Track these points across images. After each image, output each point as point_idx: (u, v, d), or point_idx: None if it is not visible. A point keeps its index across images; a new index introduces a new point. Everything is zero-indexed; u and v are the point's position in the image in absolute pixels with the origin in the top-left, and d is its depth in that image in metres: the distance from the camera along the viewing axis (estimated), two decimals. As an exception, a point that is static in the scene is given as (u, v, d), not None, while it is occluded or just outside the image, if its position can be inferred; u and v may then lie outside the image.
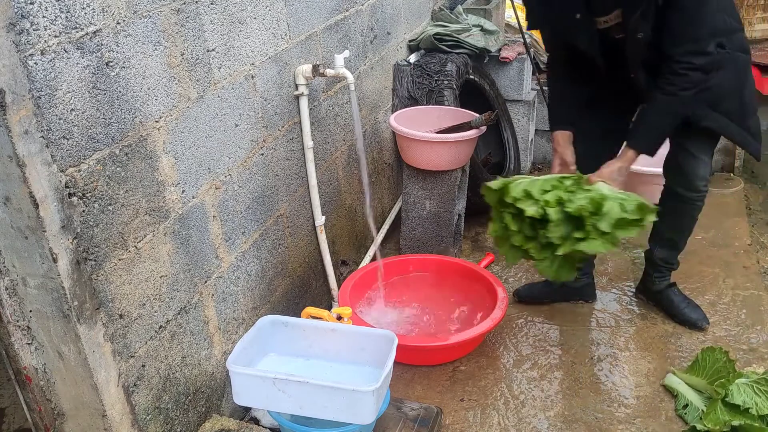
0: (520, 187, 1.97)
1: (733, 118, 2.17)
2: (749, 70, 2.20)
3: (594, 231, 1.90)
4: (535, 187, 1.96)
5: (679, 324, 2.48)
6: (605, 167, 2.07)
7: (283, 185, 2.20)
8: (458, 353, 2.36)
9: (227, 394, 1.95)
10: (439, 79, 2.98)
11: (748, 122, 2.20)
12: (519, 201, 1.96)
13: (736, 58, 2.11)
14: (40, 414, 1.49)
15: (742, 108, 2.18)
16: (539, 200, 1.94)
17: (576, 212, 1.90)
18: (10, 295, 1.37)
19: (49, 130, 1.27)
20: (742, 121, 2.19)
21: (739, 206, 3.31)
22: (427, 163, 2.73)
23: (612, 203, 1.91)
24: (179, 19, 1.61)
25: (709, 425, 1.95)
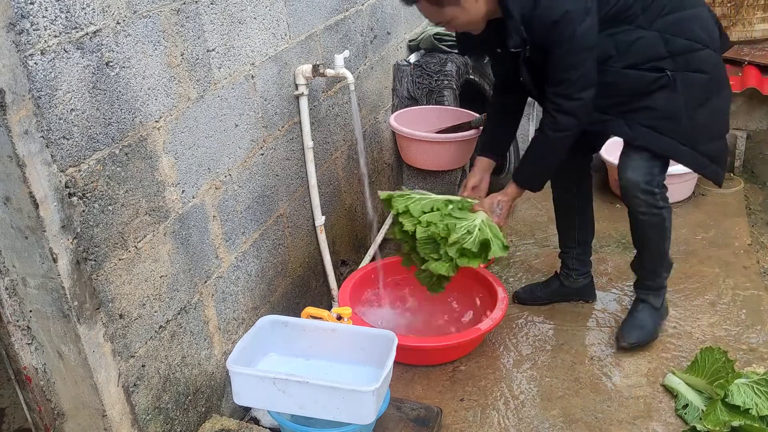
0: (403, 203, 2.20)
1: (683, 140, 2.09)
2: (714, 89, 2.09)
3: (445, 255, 2.13)
4: (417, 205, 2.18)
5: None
6: (488, 198, 2.22)
7: (283, 185, 2.20)
8: (458, 353, 2.36)
9: (227, 394, 1.95)
10: (439, 79, 2.98)
11: (705, 147, 2.12)
12: (401, 215, 2.19)
13: (690, 80, 2.03)
14: (40, 414, 1.49)
15: (695, 130, 2.09)
16: (416, 218, 2.16)
17: (432, 235, 2.12)
18: (10, 295, 1.37)
19: (49, 130, 1.27)
20: (694, 144, 2.10)
21: (739, 206, 3.31)
22: (427, 163, 2.73)
23: (460, 235, 2.11)
24: (179, 19, 1.61)
25: (709, 426, 1.95)
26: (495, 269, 2.91)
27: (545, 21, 1.93)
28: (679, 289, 2.67)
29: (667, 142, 2.09)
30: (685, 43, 2.03)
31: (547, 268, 2.88)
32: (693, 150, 2.11)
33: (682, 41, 2.02)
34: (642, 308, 2.39)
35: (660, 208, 2.21)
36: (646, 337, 2.36)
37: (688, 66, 2.04)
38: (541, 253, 3.02)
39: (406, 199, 2.22)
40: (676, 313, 2.54)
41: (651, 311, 2.38)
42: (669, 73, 2.02)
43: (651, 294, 2.39)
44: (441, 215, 2.17)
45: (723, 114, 2.17)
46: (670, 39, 2.02)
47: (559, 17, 1.91)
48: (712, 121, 2.12)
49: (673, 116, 2.07)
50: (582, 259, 2.59)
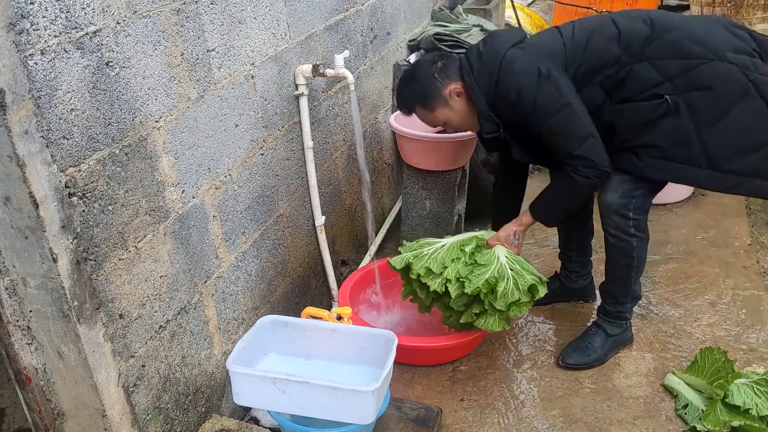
0: (421, 263, 2.14)
1: (701, 163, 1.96)
2: (726, 102, 1.92)
3: (491, 308, 2.08)
4: (436, 262, 2.12)
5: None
6: (502, 231, 2.20)
7: (283, 185, 2.20)
8: (458, 353, 2.36)
9: (227, 394, 1.95)
10: (439, 79, 2.98)
11: (734, 163, 1.95)
12: (423, 277, 2.13)
13: (692, 99, 1.93)
14: (40, 414, 1.49)
15: (713, 150, 1.94)
16: (441, 275, 2.10)
17: (473, 293, 2.05)
18: (10, 295, 1.37)
19: (49, 130, 1.27)
20: (716, 165, 1.96)
21: (739, 206, 3.31)
22: (427, 163, 2.73)
23: (506, 284, 2.06)
24: (179, 19, 1.61)
25: (709, 426, 1.95)
26: (495, 269, 2.91)
27: (506, 103, 2.01)
28: (679, 289, 2.67)
29: (682, 169, 1.99)
30: (680, 63, 1.94)
31: (547, 268, 2.88)
32: (715, 171, 1.97)
33: (675, 62, 1.94)
34: (595, 332, 2.34)
35: (629, 236, 2.13)
36: (587, 361, 2.29)
37: (688, 85, 1.94)
38: (541, 253, 3.02)
39: (419, 257, 2.15)
40: (676, 313, 2.55)
41: (604, 338, 2.31)
42: (669, 98, 1.94)
43: (608, 322, 2.32)
44: (465, 264, 2.10)
45: (751, 123, 1.93)
46: (661, 64, 1.95)
47: (515, 96, 1.98)
48: (734, 135, 1.94)
49: (683, 142, 1.96)
50: (581, 261, 2.58)
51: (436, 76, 2.10)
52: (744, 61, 1.93)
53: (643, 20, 2.02)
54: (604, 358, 2.31)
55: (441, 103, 2.11)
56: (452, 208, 2.82)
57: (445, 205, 2.82)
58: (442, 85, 2.09)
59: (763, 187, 1.98)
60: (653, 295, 2.67)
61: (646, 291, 2.69)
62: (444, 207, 2.82)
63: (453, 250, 2.15)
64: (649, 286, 2.73)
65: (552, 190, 2.16)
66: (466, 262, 2.11)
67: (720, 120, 1.94)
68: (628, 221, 2.11)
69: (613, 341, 2.33)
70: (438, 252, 2.16)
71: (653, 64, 1.96)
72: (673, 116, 1.96)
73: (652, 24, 2.00)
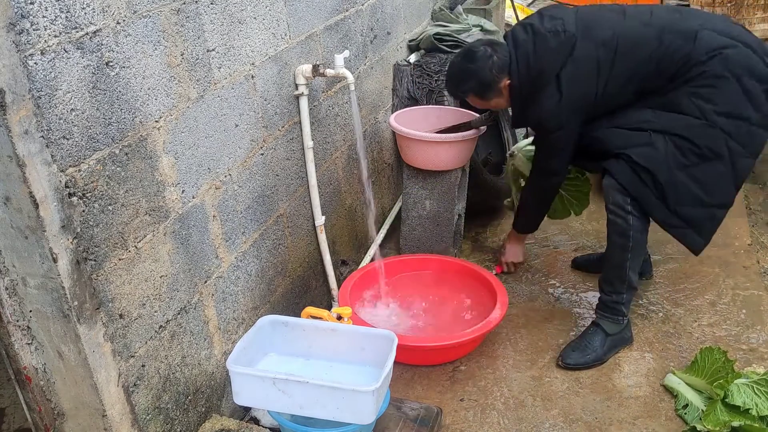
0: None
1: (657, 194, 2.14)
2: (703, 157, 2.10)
3: None
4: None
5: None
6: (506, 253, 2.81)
7: (283, 185, 2.20)
8: (458, 353, 2.36)
9: (227, 394, 1.95)
10: (439, 79, 2.98)
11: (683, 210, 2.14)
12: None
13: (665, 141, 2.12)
14: (40, 414, 1.49)
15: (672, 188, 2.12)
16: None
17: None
18: (10, 295, 1.37)
19: (49, 130, 1.27)
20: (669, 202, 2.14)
21: (739, 206, 3.31)
22: (427, 163, 2.73)
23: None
24: (179, 19, 1.61)
25: (709, 426, 1.95)
26: (495, 269, 2.92)
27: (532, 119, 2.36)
28: (679, 289, 2.68)
29: (642, 190, 2.16)
30: (673, 116, 2.12)
31: (548, 268, 2.88)
32: (666, 207, 2.15)
33: (673, 115, 2.13)
34: (593, 331, 2.35)
35: (626, 212, 2.19)
36: (586, 361, 2.30)
37: (671, 130, 2.12)
38: (540, 253, 3.02)
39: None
40: (676, 312, 2.55)
41: (603, 337, 2.33)
42: (651, 133, 2.14)
43: (606, 318, 2.34)
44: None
45: (714, 183, 2.13)
46: (661, 114, 2.15)
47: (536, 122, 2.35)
48: (695, 186, 2.12)
49: (652, 170, 2.12)
50: None
51: (494, 71, 2.29)
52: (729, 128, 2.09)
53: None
54: (604, 358, 2.31)
55: (496, 94, 2.35)
56: (452, 208, 2.82)
57: (445, 205, 2.82)
58: (499, 80, 2.30)
59: (691, 238, 2.21)
60: (653, 294, 2.67)
61: (646, 291, 2.69)
62: (444, 207, 2.82)
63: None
64: (649, 286, 2.73)
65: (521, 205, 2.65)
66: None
67: (686, 168, 2.12)
68: (627, 197, 2.18)
69: (612, 340, 2.33)
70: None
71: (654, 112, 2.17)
72: (651, 148, 2.14)
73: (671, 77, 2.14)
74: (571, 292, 2.74)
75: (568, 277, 2.84)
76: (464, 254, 3.04)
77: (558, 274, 2.86)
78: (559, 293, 2.74)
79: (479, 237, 3.20)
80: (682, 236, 2.20)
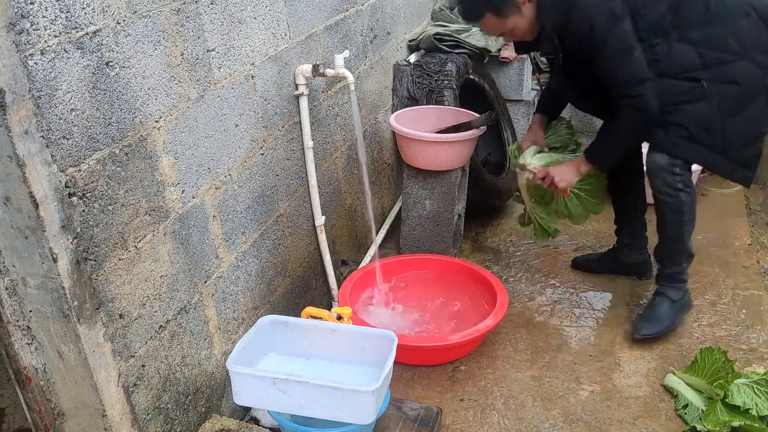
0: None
1: (715, 149, 2.18)
2: (746, 98, 2.15)
3: None
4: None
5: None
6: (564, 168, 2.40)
7: (283, 185, 2.20)
8: (458, 353, 2.36)
9: (227, 394, 1.95)
10: (439, 79, 2.98)
11: (736, 153, 2.20)
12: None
13: (723, 91, 2.13)
14: (40, 414, 1.49)
15: (728, 139, 2.17)
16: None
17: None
18: (10, 295, 1.37)
19: (49, 130, 1.27)
20: (726, 153, 2.19)
21: (739, 206, 3.31)
22: (427, 163, 2.73)
23: None
24: (179, 19, 1.61)
25: (709, 426, 1.95)
26: (495, 269, 2.92)
27: (574, 34, 2.13)
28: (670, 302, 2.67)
29: (701, 151, 2.18)
30: (718, 56, 2.12)
31: (548, 268, 2.88)
32: (725, 158, 2.19)
33: (715, 54, 2.12)
34: (660, 301, 2.43)
35: (677, 190, 2.25)
36: (661, 329, 2.39)
37: (722, 77, 2.12)
38: (541, 253, 3.02)
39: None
40: (676, 313, 2.55)
41: (669, 304, 2.41)
42: (705, 84, 2.12)
43: (670, 287, 2.42)
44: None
45: (757, 120, 2.20)
46: (703, 52, 2.12)
47: (587, 29, 2.09)
48: (745, 128, 2.18)
49: (708, 126, 2.15)
50: (636, 236, 2.68)
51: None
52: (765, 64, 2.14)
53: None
54: (673, 326, 2.40)
55: (514, 10, 2.18)
56: (452, 208, 2.82)
57: (445, 205, 2.82)
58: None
59: (746, 176, 2.25)
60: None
61: (646, 291, 2.69)
62: (444, 207, 2.82)
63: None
64: (649, 286, 2.73)
65: (603, 133, 2.32)
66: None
67: (737, 114, 2.15)
68: (675, 176, 2.22)
69: (677, 307, 2.42)
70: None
71: (697, 51, 2.13)
72: (704, 101, 2.13)
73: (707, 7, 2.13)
74: (571, 292, 2.74)
75: (568, 277, 2.84)
76: (464, 254, 3.04)
77: (558, 274, 2.86)
78: (559, 293, 2.74)
79: (479, 237, 3.20)
80: (742, 179, 2.26)
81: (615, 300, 2.67)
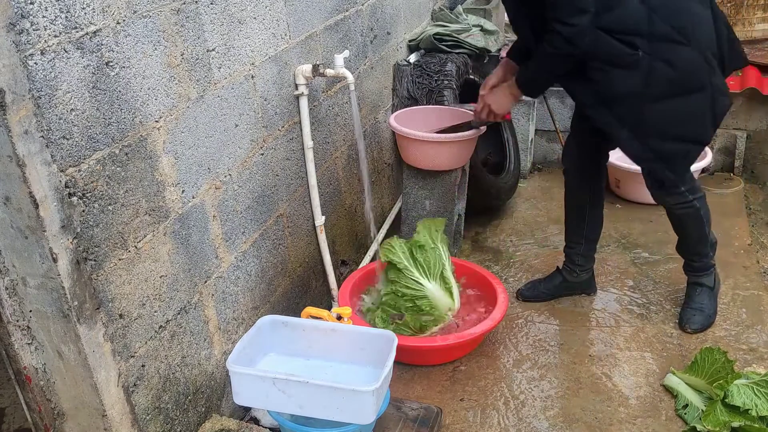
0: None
1: (626, 124, 2.09)
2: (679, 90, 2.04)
3: None
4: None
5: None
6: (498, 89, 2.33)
7: (283, 185, 2.20)
8: (458, 353, 2.36)
9: (227, 394, 1.95)
10: (439, 79, 2.98)
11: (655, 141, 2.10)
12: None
13: (653, 68, 2.00)
14: (40, 414, 1.49)
15: (644, 120, 2.07)
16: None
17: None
18: (10, 295, 1.37)
19: (49, 130, 1.27)
20: (639, 134, 2.09)
21: (739, 206, 3.31)
22: (427, 163, 2.73)
23: None
24: (179, 19, 1.61)
25: (709, 426, 1.95)
26: (495, 269, 2.92)
27: None
28: (680, 289, 2.67)
29: (608, 119, 2.10)
30: (668, 31, 1.98)
31: (547, 268, 2.88)
32: (635, 138, 2.10)
33: (666, 28, 1.98)
34: (699, 291, 2.47)
35: (691, 201, 2.26)
36: (708, 320, 2.44)
37: (661, 55, 2.00)
38: (540, 253, 3.02)
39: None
40: (677, 312, 2.54)
41: (708, 292, 2.46)
42: (640, 54, 1.99)
43: (703, 275, 2.45)
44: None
45: (687, 119, 2.09)
46: (655, 20, 1.98)
47: None
48: (668, 120, 2.07)
49: (624, 99, 2.05)
50: (587, 255, 2.61)
51: None
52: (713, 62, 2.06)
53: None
54: (716, 311, 2.48)
55: None
56: (452, 208, 2.82)
57: (445, 205, 2.82)
58: None
59: (662, 173, 2.17)
60: (653, 294, 2.67)
61: (646, 290, 2.70)
62: (444, 207, 2.82)
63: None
64: (649, 286, 2.73)
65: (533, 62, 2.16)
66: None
67: (662, 100, 2.05)
68: (683, 194, 2.25)
69: (715, 292, 2.49)
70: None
71: (648, 14, 1.98)
72: (632, 71, 2.01)
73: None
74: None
75: (568, 277, 2.84)
76: (464, 254, 3.04)
77: (558, 274, 2.86)
78: (559, 293, 2.73)
79: (479, 237, 3.20)
80: (657, 173, 2.19)
81: (615, 300, 2.67)
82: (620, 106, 2.08)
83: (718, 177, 3.60)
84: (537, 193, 3.59)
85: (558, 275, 2.66)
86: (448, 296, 2.39)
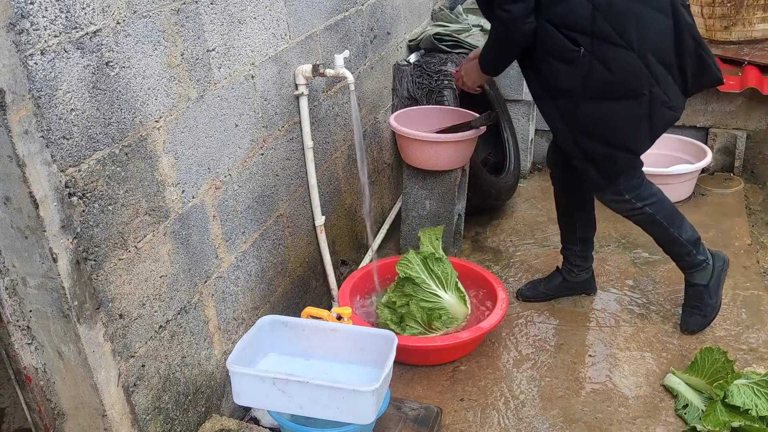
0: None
1: (563, 118, 2.11)
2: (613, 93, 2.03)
3: None
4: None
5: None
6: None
7: (283, 185, 2.20)
8: (458, 353, 2.36)
9: (227, 394, 1.95)
10: (439, 79, 2.98)
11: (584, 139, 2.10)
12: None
13: (590, 65, 2.00)
14: (40, 414, 1.49)
15: (578, 115, 2.08)
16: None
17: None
18: (10, 295, 1.37)
19: (49, 130, 1.27)
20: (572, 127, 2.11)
21: (739, 206, 3.31)
22: (427, 163, 2.73)
23: None
24: (179, 19, 1.61)
25: (709, 426, 1.95)
26: (495, 269, 2.92)
27: None
28: (679, 289, 2.67)
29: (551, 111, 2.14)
30: (609, 32, 1.97)
31: (547, 268, 2.88)
32: (569, 133, 2.13)
33: (607, 29, 1.97)
34: (692, 292, 2.44)
35: (640, 207, 2.24)
36: (705, 319, 2.42)
37: (600, 55, 1.99)
38: (541, 253, 3.02)
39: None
40: (677, 312, 2.54)
41: (703, 290, 2.41)
42: (582, 51, 2.00)
43: (693, 273, 2.41)
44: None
45: (618, 124, 2.08)
46: (597, 18, 1.97)
47: None
48: (598, 121, 2.08)
49: (565, 91, 2.07)
50: (584, 255, 2.60)
51: None
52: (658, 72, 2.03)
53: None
54: (718, 303, 2.43)
55: None
56: (452, 208, 2.82)
57: (445, 205, 2.82)
58: None
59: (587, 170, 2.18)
60: (653, 294, 2.67)
61: (646, 290, 2.69)
62: (444, 207, 2.82)
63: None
64: (649, 286, 2.73)
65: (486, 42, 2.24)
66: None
67: (595, 100, 2.06)
68: (629, 201, 2.22)
69: (713, 285, 2.41)
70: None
71: (593, 13, 1.98)
72: (573, 67, 2.03)
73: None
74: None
75: (568, 277, 2.84)
76: (464, 254, 3.04)
77: (558, 274, 2.86)
78: (559, 293, 2.73)
79: (479, 237, 3.20)
80: (584, 170, 2.19)
81: (615, 300, 2.67)
82: (561, 100, 2.10)
83: (718, 177, 3.60)
84: (537, 193, 3.59)
85: (558, 275, 2.66)
86: (462, 304, 2.42)
